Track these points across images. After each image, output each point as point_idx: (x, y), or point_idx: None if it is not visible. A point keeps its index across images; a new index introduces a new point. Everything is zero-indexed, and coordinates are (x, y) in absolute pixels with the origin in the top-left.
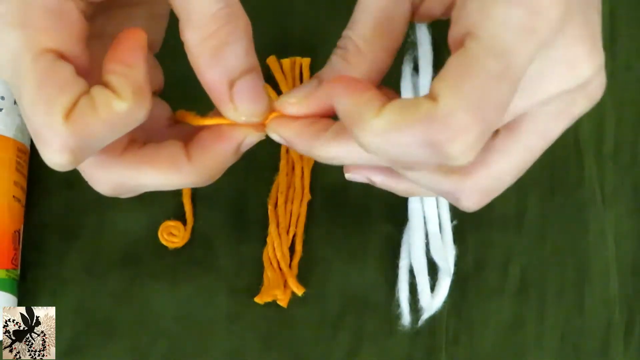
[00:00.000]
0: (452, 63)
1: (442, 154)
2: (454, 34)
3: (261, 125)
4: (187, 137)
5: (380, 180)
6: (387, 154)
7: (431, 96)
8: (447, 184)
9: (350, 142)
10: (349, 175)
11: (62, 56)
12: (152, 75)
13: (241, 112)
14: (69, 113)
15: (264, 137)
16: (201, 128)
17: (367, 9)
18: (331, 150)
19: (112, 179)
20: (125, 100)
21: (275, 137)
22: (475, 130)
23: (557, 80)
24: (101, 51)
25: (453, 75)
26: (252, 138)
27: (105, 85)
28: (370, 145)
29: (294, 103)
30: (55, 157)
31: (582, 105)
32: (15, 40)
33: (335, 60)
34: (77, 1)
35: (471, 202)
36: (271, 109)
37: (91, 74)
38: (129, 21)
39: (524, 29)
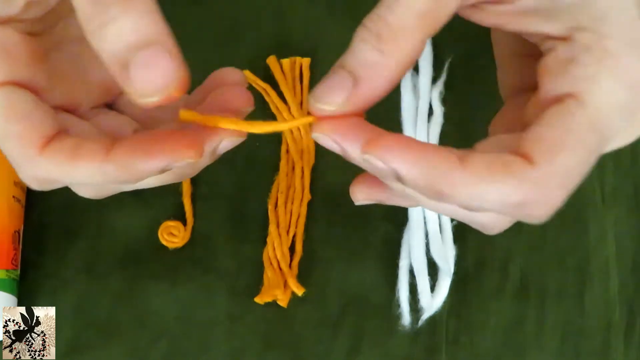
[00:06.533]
0: (551, 124)
1: (525, 214)
2: (554, 87)
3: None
4: None
5: (390, 200)
6: (472, 207)
7: (523, 154)
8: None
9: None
10: (359, 202)
11: (19, 85)
12: None
13: (138, 94)
14: (44, 147)
15: (197, 160)
16: None
17: None
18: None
19: (88, 190)
20: (112, 162)
21: (326, 140)
22: (563, 197)
23: (625, 139)
24: (63, 60)
25: (552, 140)
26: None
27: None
28: (463, 200)
29: (333, 111)
30: (26, 182)
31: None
32: None
33: (364, 49)
34: (16, 24)
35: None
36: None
37: (50, 91)
38: None
39: (627, 109)
